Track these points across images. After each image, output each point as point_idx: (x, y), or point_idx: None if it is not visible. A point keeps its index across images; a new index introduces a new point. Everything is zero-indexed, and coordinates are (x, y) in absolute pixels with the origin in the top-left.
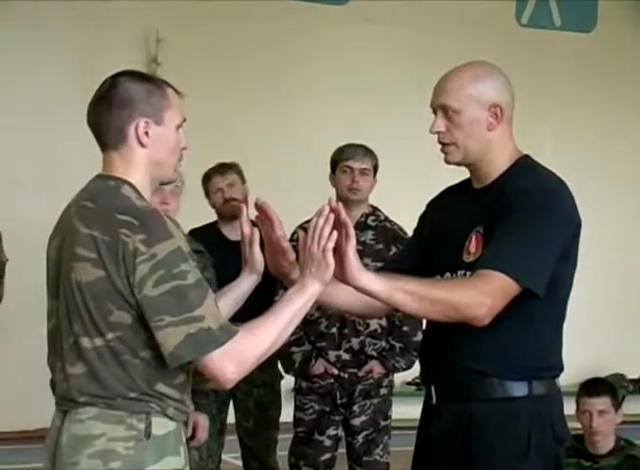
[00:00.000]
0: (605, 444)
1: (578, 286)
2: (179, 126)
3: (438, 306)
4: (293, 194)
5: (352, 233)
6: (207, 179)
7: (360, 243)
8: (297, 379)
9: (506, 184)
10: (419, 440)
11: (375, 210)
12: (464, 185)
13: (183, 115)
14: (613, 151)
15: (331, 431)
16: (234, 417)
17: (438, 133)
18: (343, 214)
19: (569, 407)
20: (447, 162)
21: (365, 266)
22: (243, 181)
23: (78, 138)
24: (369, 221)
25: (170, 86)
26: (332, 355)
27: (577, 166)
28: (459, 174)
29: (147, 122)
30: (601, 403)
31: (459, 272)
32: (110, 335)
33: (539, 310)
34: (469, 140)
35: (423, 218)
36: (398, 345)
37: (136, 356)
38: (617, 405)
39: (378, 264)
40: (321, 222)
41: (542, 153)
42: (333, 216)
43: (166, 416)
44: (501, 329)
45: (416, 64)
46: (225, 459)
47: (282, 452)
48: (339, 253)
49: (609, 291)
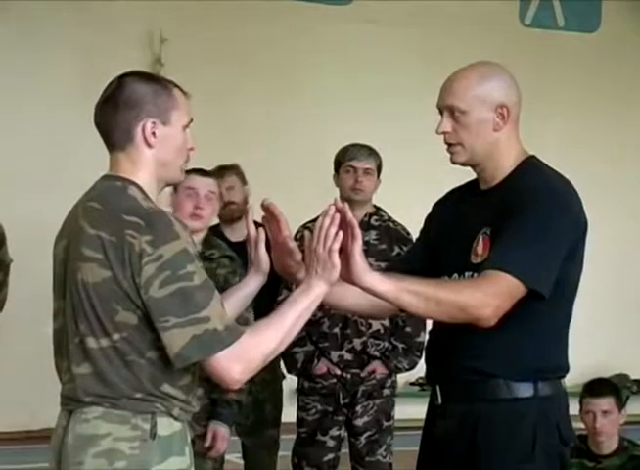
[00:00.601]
0: (608, 444)
1: (583, 287)
2: (186, 127)
3: (445, 307)
4: (296, 194)
5: (358, 233)
6: None
7: (363, 243)
8: (300, 379)
9: (512, 185)
10: (424, 440)
11: (378, 210)
12: (470, 186)
13: (190, 115)
14: (616, 151)
15: (334, 431)
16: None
17: (445, 134)
18: (350, 215)
19: (572, 408)
20: (453, 162)
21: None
22: (243, 183)
23: (82, 138)
24: (372, 221)
25: (177, 87)
26: (334, 356)
27: (580, 167)
28: (463, 175)
29: (154, 123)
30: (605, 404)
31: (467, 274)
32: (116, 335)
33: (545, 311)
34: (475, 141)
35: (429, 220)
36: (401, 345)
37: (142, 357)
38: (621, 406)
39: (381, 264)
40: (327, 223)
41: (546, 153)
42: (338, 217)
43: (172, 417)
44: (507, 330)
45: (419, 63)
46: (229, 459)
47: (285, 453)
48: (345, 253)
49: (613, 291)
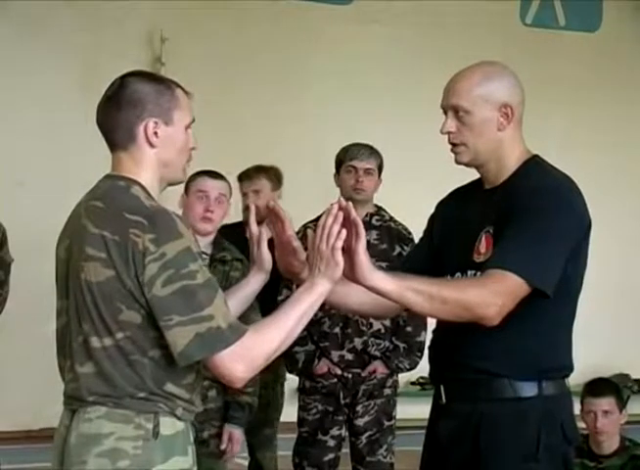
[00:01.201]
0: (609, 444)
1: (583, 286)
2: (188, 127)
3: (449, 306)
4: (297, 194)
5: (362, 232)
6: (239, 180)
7: None
8: (301, 379)
9: (516, 184)
10: (428, 439)
11: (380, 209)
12: (474, 185)
13: (192, 115)
14: (617, 151)
15: (334, 431)
16: None
17: (449, 133)
18: (354, 213)
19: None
20: (458, 162)
21: None
22: (274, 187)
23: (83, 138)
24: (373, 221)
25: (179, 86)
26: (335, 355)
27: (580, 167)
28: (464, 175)
29: (156, 123)
30: (605, 404)
31: (469, 272)
32: (119, 334)
33: (549, 310)
34: (479, 140)
35: (432, 219)
36: (402, 345)
37: (145, 356)
38: (622, 406)
39: (382, 264)
40: (330, 221)
41: (546, 153)
42: (342, 215)
43: (175, 416)
44: (511, 329)
45: (419, 63)
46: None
47: (286, 452)
48: (349, 252)
49: (613, 291)
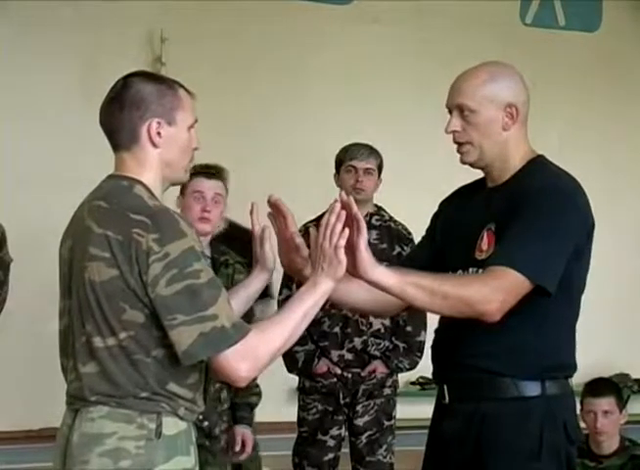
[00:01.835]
0: (609, 444)
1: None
2: (191, 127)
3: (450, 301)
4: (297, 194)
5: (364, 227)
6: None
7: None
8: (301, 378)
9: (519, 183)
10: (430, 439)
11: (379, 209)
12: (477, 184)
13: (195, 115)
14: (617, 151)
15: (334, 431)
16: None
17: (454, 133)
18: (355, 208)
19: None
20: (463, 162)
21: None
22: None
23: (83, 138)
24: (373, 221)
25: (182, 87)
26: (334, 355)
27: (580, 166)
28: (466, 175)
29: (159, 123)
30: (605, 404)
31: (471, 270)
32: (122, 334)
33: (552, 310)
34: (484, 140)
35: (436, 217)
36: (402, 345)
37: (148, 356)
38: (622, 405)
39: (382, 264)
40: (332, 219)
41: (546, 152)
42: (344, 213)
43: (177, 416)
44: (514, 329)
45: (419, 63)
46: None
47: (285, 452)
48: (351, 247)
49: (614, 291)
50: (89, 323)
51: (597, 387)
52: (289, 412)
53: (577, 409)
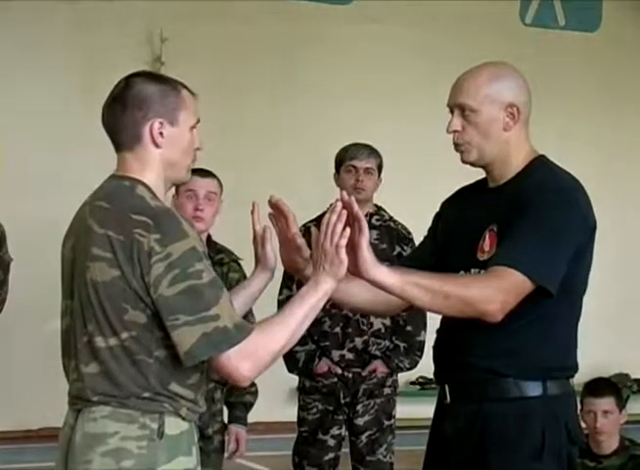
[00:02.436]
0: (609, 444)
1: None
2: (193, 127)
3: (451, 301)
4: (296, 194)
5: (365, 226)
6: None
7: None
8: (301, 378)
9: (521, 183)
10: (432, 438)
11: (379, 209)
12: (479, 185)
13: (197, 115)
14: (617, 151)
15: (334, 430)
16: None
17: (455, 132)
18: (356, 207)
19: None
20: (463, 161)
21: None
22: None
23: (83, 137)
24: (373, 221)
25: (185, 87)
26: (335, 355)
27: (580, 166)
28: (465, 176)
29: (161, 123)
30: (605, 404)
31: (473, 271)
32: (124, 334)
33: (554, 310)
34: (485, 140)
35: (437, 218)
36: (402, 344)
37: (150, 356)
38: (622, 405)
39: (383, 263)
40: (333, 219)
41: (545, 152)
42: (345, 213)
43: (179, 416)
44: (516, 329)
45: (419, 63)
46: None
47: (285, 452)
48: (352, 246)
49: (613, 290)
50: (91, 323)
51: (597, 387)
52: (289, 412)
53: (578, 409)
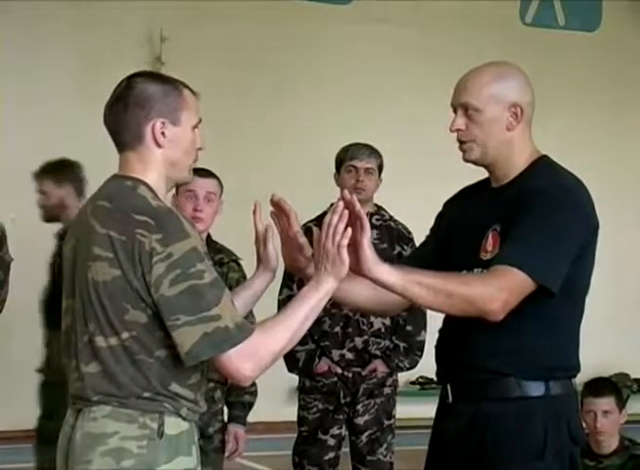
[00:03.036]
0: (609, 443)
1: None
2: (195, 127)
3: (453, 300)
4: (297, 194)
5: (367, 225)
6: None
7: None
8: (301, 378)
9: (524, 183)
10: (433, 438)
11: (380, 209)
12: (482, 184)
13: (199, 115)
14: (616, 150)
15: (335, 430)
16: None
17: (458, 131)
18: (358, 206)
19: None
20: (466, 160)
21: None
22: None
23: (82, 137)
24: (373, 221)
25: (187, 87)
26: (335, 354)
27: (580, 166)
28: (466, 176)
29: (163, 123)
30: (605, 403)
31: (476, 270)
32: (125, 334)
33: (557, 310)
34: (488, 139)
35: (440, 217)
36: (402, 344)
37: (151, 356)
38: (622, 405)
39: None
40: (335, 219)
41: (546, 151)
42: (347, 213)
43: (180, 416)
44: (519, 329)
45: (419, 63)
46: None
47: (286, 452)
48: (354, 245)
49: (613, 290)
50: (92, 323)
51: (597, 387)
52: (289, 412)
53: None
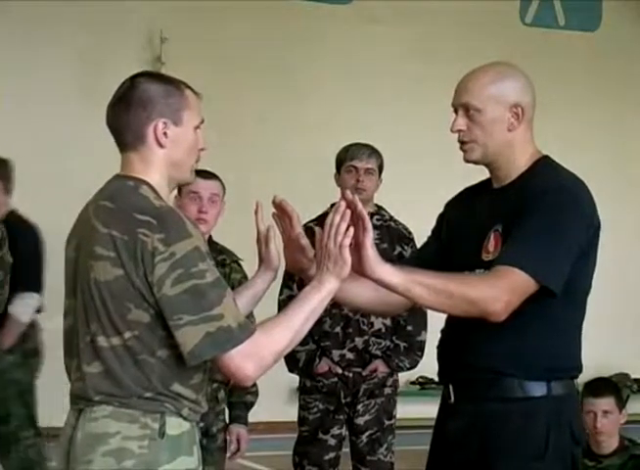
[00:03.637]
0: (609, 444)
1: None
2: (197, 127)
3: (455, 300)
4: (298, 194)
5: (369, 225)
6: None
7: None
8: (302, 378)
9: (525, 184)
10: (435, 438)
11: (380, 209)
12: (483, 185)
13: (201, 115)
14: (616, 150)
15: (335, 430)
16: None
17: (459, 132)
18: (360, 206)
19: None
20: (466, 160)
21: None
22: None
23: (82, 137)
24: (374, 221)
25: (189, 87)
26: (336, 355)
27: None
28: (466, 176)
29: (165, 123)
30: (605, 404)
31: (477, 271)
32: (127, 334)
33: (558, 310)
34: (489, 139)
35: (441, 218)
36: (402, 344)
37: (152, 356)
38: (622, 405)
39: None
40: (337, 219)
41: (546, 152)
42: (349, 213)
43: (181, 416)
44: (520, 329)
45: (419, 63)
46: None
47: (286, 452)
48: (356, 245)
49: (613, 290)
50: (94, 323)
51: (597, 387)
52: (289, 412)
53: None
